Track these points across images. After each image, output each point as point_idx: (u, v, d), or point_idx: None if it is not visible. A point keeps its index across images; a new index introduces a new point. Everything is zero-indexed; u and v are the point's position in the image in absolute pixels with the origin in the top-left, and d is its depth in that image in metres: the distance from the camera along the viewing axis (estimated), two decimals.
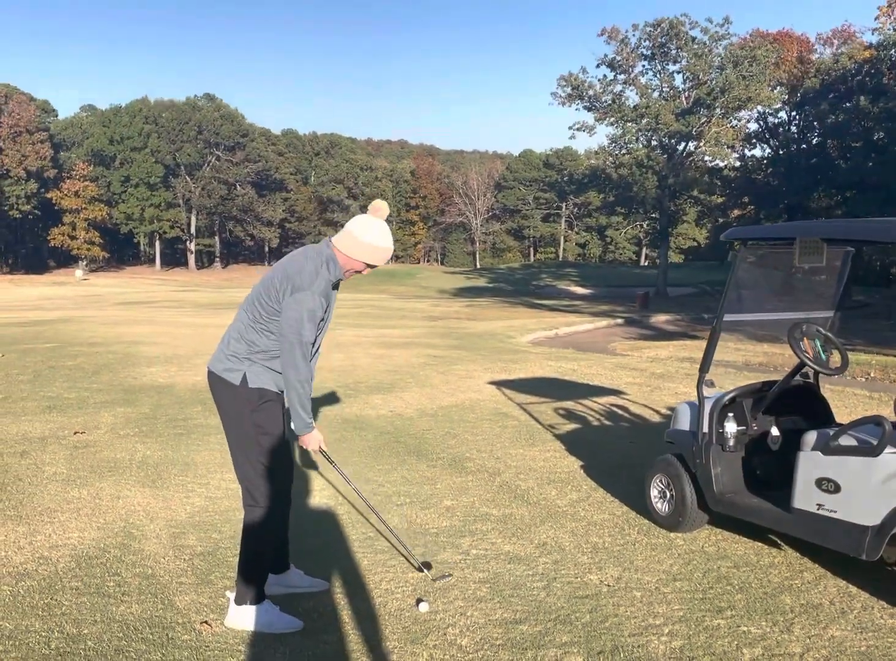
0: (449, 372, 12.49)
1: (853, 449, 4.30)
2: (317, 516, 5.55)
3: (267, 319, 3.73)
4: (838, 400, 9.78)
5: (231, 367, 3.80)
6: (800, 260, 4.84)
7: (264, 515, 3.82)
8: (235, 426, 3.82)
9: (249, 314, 3.80)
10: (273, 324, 3.72)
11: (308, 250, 3.85)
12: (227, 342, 3.87)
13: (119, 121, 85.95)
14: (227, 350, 3.84)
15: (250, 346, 3.78)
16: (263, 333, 3.76)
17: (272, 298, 3.71)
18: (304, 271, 3.68)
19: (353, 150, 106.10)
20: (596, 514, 5.67)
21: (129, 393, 10.18)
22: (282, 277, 3.71)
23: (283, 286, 3.68)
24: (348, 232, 3.77)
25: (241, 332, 3.81)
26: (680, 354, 16.28)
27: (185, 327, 19.93)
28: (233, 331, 3.87)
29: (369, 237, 3.74)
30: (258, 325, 3.76)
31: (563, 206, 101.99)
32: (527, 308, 35.95)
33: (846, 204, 46.81)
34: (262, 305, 3.74)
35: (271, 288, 3.72)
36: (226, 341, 3.89)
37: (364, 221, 3.78)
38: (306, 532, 5.06)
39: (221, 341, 3.94)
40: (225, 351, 3.85)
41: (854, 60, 46.25)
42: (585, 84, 47.74)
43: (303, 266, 3.71)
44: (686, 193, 53.84)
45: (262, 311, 3.74)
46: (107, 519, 5.35)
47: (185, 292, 48.01)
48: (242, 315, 3.85)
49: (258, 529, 3.84)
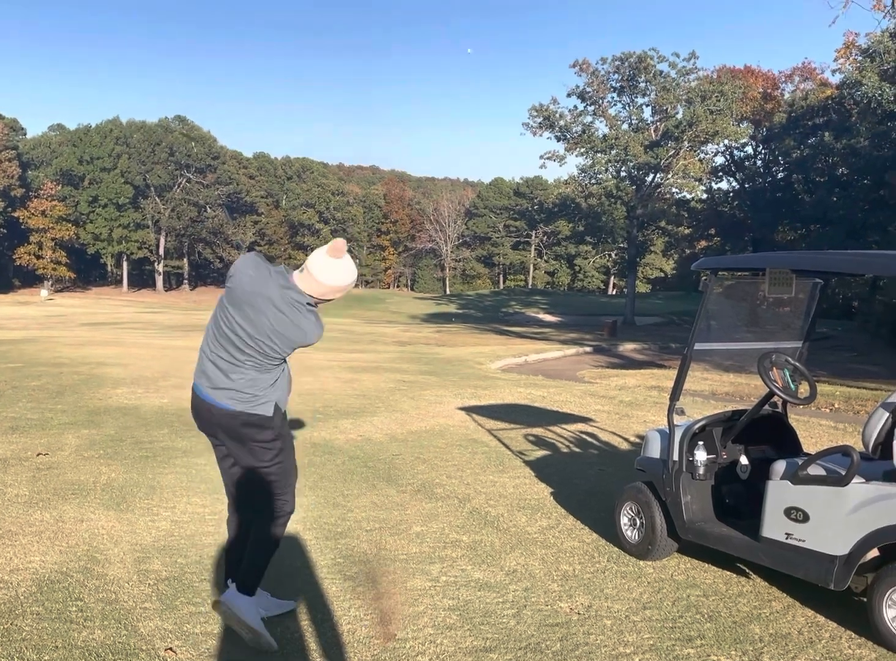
0: (419, 397, 12.45)
1: (822, 479, 4.34)
2: (284, 541, 5.46)
3: (278, 361, 3.83)
4: (804, 430, 9.87)
5: (262, 401, 3.81)
6: (769, 290, 4.92)
7: (276, 522, 4.00)
8: (262, 454, 3.87)
9: (258, 361, 3.77)
10: (279, 358, 3.82)
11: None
12: (240, 385, 3.78)
13: (89, 141, 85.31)
14: (248, 390, 3.79)
15: (270, 379, 3.83)
16: (274, 368, 3.84)
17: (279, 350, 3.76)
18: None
19: (324, 174, 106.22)
20: (566, 541, 5.66)
21: (93, 415, 10.02)
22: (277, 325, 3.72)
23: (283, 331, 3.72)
24: (308, 272, 3.72)
25: (255, 377, 3.79)
26: (648, 382, 16.38)
27: (151, 349, 19.71)
28: (241, 376, 3.79)
29: (328, 278, 3.70)
30: (268, 364, 3.80)
31: (532, 234, 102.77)
32: (496, 335, 36.04)
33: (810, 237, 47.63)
34: (268, 358, 3.77)
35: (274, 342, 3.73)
36: (236, 383, 3.79)
37: (323, 263, 3.70)
38: (273, 558, 4.98)
39: (223, 381, 3.80)
40: (243, 392, 3.78)
41: (817, 98, 47.30)
42: (556, 114, 48.31)
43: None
44: (654, 224, 54.51)
45: (272, 359, 3.79)
46: (70, 543, 5.24)
47: (152, 314, 47.53)
48: (248, 365, 3.78)
49: (275, 538, 4.03)
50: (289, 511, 4.04)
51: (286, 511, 4.02)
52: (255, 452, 3.89)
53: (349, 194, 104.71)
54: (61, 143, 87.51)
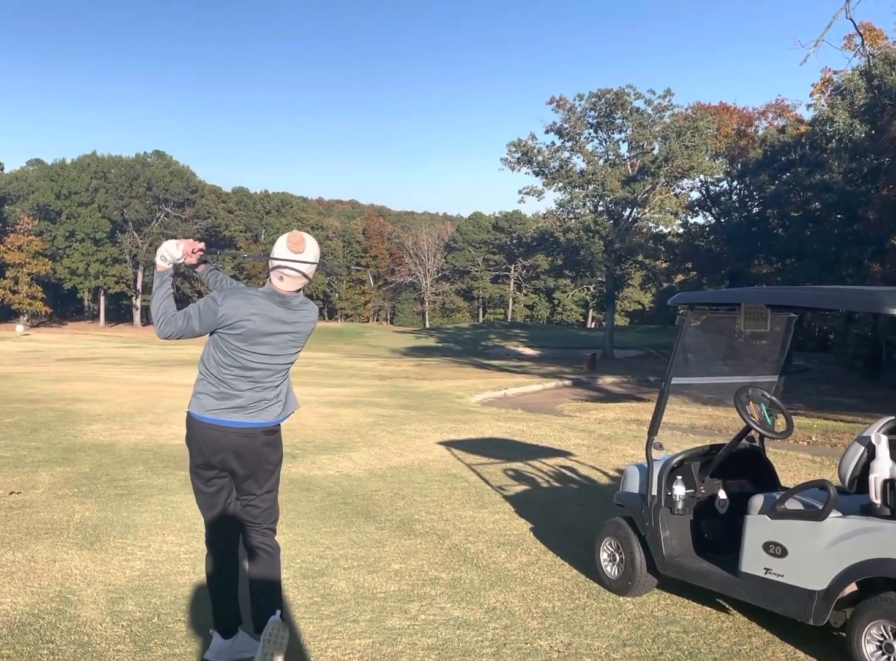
0: (398, 432, 12.40)
1: (799, 513, 4.35)
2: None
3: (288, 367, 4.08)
4: (781, 464, 9.91)
5: (287, 411, 4.06)
6: (745, 325, 4.96)
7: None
8: (270, 477, 4.04)
9: (282, 374, 4.02)
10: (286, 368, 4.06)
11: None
12: (267, 397, 3.96)
13: (66, 175, 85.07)
14: (272, 398, 3.97)
15: (284, 386, 4.07)
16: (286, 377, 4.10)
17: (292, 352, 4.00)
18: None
19: (304, 208, 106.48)
20: (546, 577, 5.62)
21: (68, 452, 9.90)
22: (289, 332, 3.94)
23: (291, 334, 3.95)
24: (273, 265, 3.92)
25: (278, 388, 4.01)
26: (627, 415, 16.41)
27: (128, 384, 19.54)
28: (267, 392, 3.96)
29: (291, 271, 3.89)
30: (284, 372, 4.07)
31: (511, 268, 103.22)
32: (476, 368, 36.02)
33: (785, 271, 48.22)
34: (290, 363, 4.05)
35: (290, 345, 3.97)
36: (261, 399, 3.94)
37: (284, 255, 3.87)
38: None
39: (248, 402, 3.92)
40: (271, 406, 3.97)
41: (792, 134, 48.15)
42: (534, 150, 48.86)
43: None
44: (631, 258, 55.01)
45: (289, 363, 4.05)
46: (42, 583, 5.15)
47: (128, 349, 47.19)
48: (276, 377, 3.99)
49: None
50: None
51: (272, 534, 4.17)
52: (264, 475, 4.00)
53: (329, 228, 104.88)
54: (38, 177, 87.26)
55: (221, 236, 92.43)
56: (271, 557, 4.03)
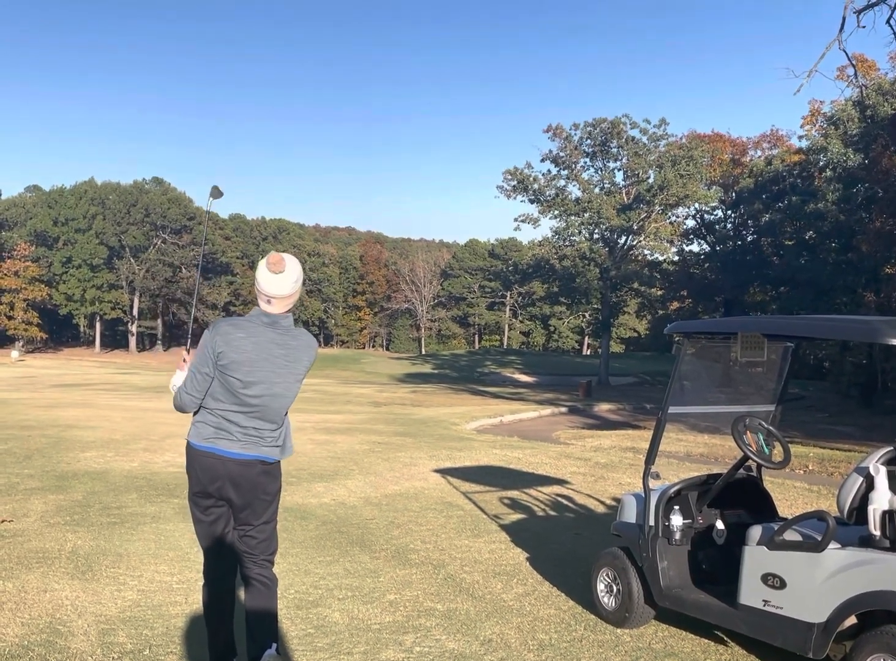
0: (393, 459, 12.34)
1: (798, 544, 4.31)
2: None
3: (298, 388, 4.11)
4: (779, 493, 9.86)
5: (283, 456, 4.05)
6: (741, 354, 4.95)
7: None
8: (268, 507, 4.02)
9: (281, 411, 4.01)
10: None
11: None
12: (264, 434, 3.94)
13: (64, 202, 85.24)
14: (270, 435, 3.95)
15: (284, 430, 4.08)
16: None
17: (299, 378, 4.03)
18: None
19: (300, 235, 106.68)
20: (542, 609, 5.56)
21: (61, 479, 9.82)
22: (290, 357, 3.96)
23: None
24: (256, 287, 3.95)
25: (277, 430, 4.01)
26: (623, 443, 16.36)
27: (122, 411, 19.46)
28: (265, 431, 3.95)
29: (271, 289, 3.89)
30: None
31: (507, 295, 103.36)
32: (471, 395, 35.97)
33: (779, 299, 48.41)
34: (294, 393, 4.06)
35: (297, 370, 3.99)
36: (259, 433, 3.93)
37: (264, 278, 3.89)
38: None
39: (245, 434, 3.91)
40: (268, 445, 3.95)
41: (785, 163, 48.52)
42: (530, 178, 49.17)
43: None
44: (627, 285, 55.08)
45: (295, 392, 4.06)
46: (32, 614, 5.08)
47: (124, 375, 47.06)
48: (275, 414, 3.97)
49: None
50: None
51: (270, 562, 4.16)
52: (261, 505, 3.98)
53: (325, 255, 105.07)
54: (36, 203, 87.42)
55: (218, 263, 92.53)
56: (268, 589, 3.98)
